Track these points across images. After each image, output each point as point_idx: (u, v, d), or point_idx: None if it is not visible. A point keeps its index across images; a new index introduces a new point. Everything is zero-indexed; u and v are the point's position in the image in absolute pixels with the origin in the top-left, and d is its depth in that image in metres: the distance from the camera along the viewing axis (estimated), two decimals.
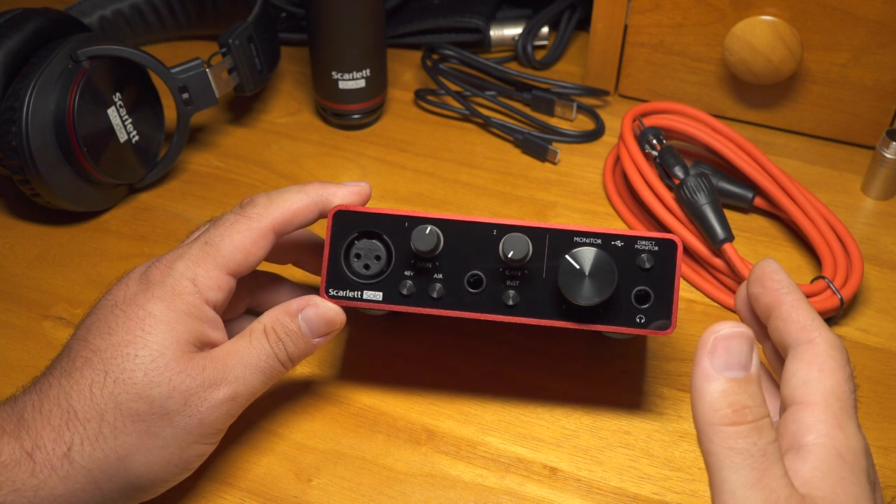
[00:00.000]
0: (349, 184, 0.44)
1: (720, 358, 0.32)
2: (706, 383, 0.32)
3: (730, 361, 0.32)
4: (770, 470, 0.31)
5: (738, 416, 0.31)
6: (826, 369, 0.35)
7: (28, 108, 0.52)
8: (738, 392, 0.32)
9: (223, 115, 0.69)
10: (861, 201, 0.61)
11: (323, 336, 0.42)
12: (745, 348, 0.32)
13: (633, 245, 0.41)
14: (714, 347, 0.32)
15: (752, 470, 0.31)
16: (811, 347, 0.36)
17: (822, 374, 0.35)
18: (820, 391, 0.35)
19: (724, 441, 0.31)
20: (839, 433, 0.33)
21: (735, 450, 0.31)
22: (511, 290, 0.41)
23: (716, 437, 0.31)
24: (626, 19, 0.66)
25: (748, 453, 0.31)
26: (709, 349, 0.32)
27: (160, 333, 0.38)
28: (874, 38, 0.59)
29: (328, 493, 0.43)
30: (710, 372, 0.32)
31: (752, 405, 0.32)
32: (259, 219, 0.41)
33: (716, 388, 0.32)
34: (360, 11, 0.61)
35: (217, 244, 0.41)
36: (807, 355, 0.36)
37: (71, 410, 0.37)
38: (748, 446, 0.31)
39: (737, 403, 0.31)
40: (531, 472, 0.44)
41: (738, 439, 0.31)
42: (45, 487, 0.36)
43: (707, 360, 0.32)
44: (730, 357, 0.32)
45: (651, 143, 0.58)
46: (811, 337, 0.36)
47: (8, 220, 0.59)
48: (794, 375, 0.35)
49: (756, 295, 0.39)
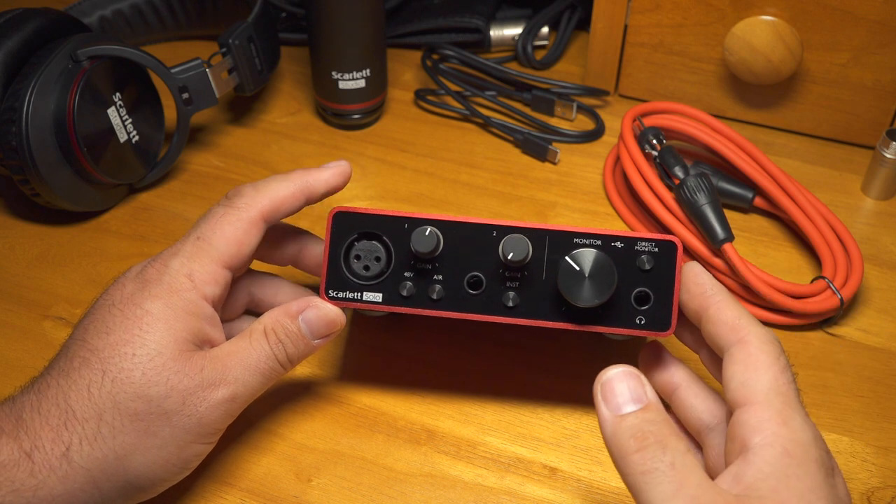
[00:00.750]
0: (330, 165, 0.44)
1: (612, 400, 0.34)
2: (610, 427, 0.34)
3: (622, 402, 0.34)
4: (687, 478, 0.32)
5: (640, 443, 0.32)
6: (760, 366, 0.36)
7: (28, 108, 0.52)
8: (637, 424, 0.33)
9: (223, 115, 0.69)
10: (861, 201, 0.61)
11: (323, 337, 0.42)
12: (633, 383, 0.34)
13: (633, 246, 0.41)
14: (605, 393, 0.34)
15: (668, 483, 0.32)
16: (742, 347, 0.37)
17: (757, 373, 0.36)
18: (759, 389, 0.35)
19: (636, 468, 0.32)
20: (784, 429, 0.34)
21: (647, 472, 0.32)
22: (511, 291, 0.41)
23: (627, 467, 0.33)
24: (626, 19, 0.66)
25: (658, 471, 0.32)
26: (601, 396, 0.34)
27: (158, 332, 0.38)
28: (874, 38, 0.59)
29: (328, 493, 0.43)
30: (607, 415, 0.34)
31: (652, 430, 0.33)
32: (247, 208, 0.41)
33: (616, 426, 0.33)
34: (360, 11, 0.61)
35: (209, 238, 0.41)
36: (739, 355, 0.36)
37: (69, 410, 0.37)
38: (655, 464, 0.32)
39: (638, 433, 0.33)
40: (531, 472, 0.44)
41: (645, 462, 0.32)
42: (44, 487, 0.36)
43: (603, 407, 0.34)
44: (621, 397, 0.34)
45: (651, 143, 0.58)
46: (741, 336, 0.37)
47: (8, 220, 0.59)
48: (732, 379, 0.36)
49: (684, 302, 0.40)
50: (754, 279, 0.50)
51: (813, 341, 0.51)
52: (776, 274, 0.53)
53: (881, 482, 0.43)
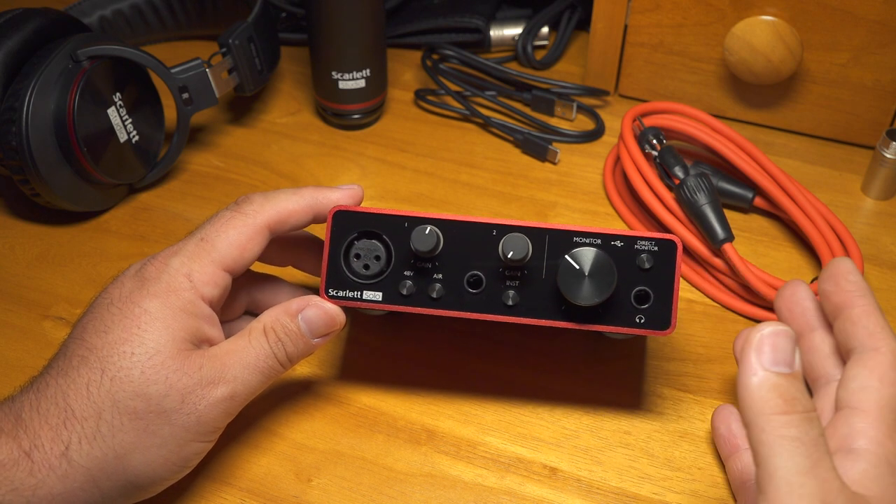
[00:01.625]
0: (342, 187, 0.44)
1: (766, 355, 0.33)
2: (754, 378, 0.32)
3: (776, 358, 0.33)
4: (822, 460, 0.31)
5: (788, 406, 0.32)
6: (887, 380, 0.35)
7: (28, 108, 0.52)
8: (786, 385, 0.32)
9: (223, 115, 0.69)
10: (861, 201, 0.60)
11: (322, 336, 0.42)
12: (789, 346, 0.33)
13: (633, 245, 0.41)
14: (760, 344, 0.33)
15: (806, 458, 0.31)
16: (876, 355, 0.36)
17: (881, 384, 0.35)
18: (876, 400, 0.35)
19: (777, 430, 0.31)
20: (890, 443, 0.34)
21: (788, 437, 0.31)
22: (511, 290, 0.41)
23: (767, 426, 0.32)
24: (626, 19, 0.66)
25: (801, 441, 0.31)
26: (755, 346, 0.33)
27: (156, 331, 0.38)
28: (874, 38, 0.59)
29: (328, 493, 0.43)
30: (758, 368, 0.32)
31: (800, 398, 0.32)
32: (255, 215, 0.41)
33: (765, 381, 0.32)
34: (360, 11, 0.61)
35: (212, 240, 0.41)
36: (870, 362, 0.36)
37: (68, 409, 0.37)
38: (801, 434, 0.31)
39: (787, 394, 0.32)
40: (531, 472, 0.44)
41: (790, 428, 0.31)
42: (44, 486, 0.36)
43: (754, 357, 0.33)
44: (776, 354, 0.33)
45: (651, 143, 0.57)
46: (877, 345, 0.36)
47: (8, 220, 0.59)
48: (853, 380, 0.36)
49: (827, 292, 0.39)
50: (754, 279, 0.50)
51: None
52: (776, 274, 0.53)
53: None
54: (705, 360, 0.49)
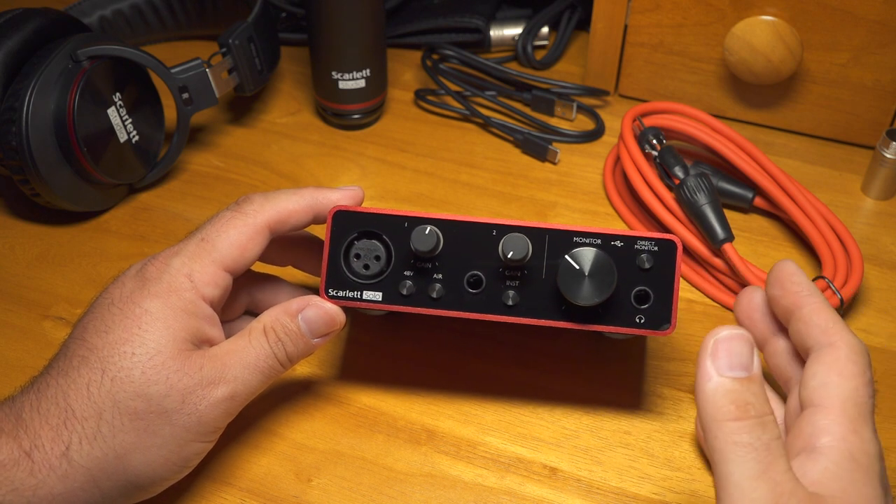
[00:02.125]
0: (343, 188, 0.44)
1: (722, 360, 0.33)
2: (709, 384, 0.33)
3: (731, 363, 0.33)
4: (774, 463, 0.31)
5: (740, 412, 0.32)
6: (846, 373, 0.35)
7: (28, 108, 0.52)
8: (740, 390, 0.32)
9: (223, 115, 0.69)
10: (861, 201, 0.61)
11: (322, 336, 0.42)
12: (745, 350, 0.33)
13: (633, 245, 0.41)
14: (715, 349, 0.33)
15: (757, 462, 0.31)
16: (832, 351, 0.36)
17: (841, 378, 0.35)
18: (838, 395, 0.35)
19: (728, 436, 0.32)
20: (854, 437, 0.33)
21: (739, 443, 0.31)
22: (511, 290, 0.41)
23: (720, 432, 0.32)
24: (626, 19, 0.66)
25: (752, 447, 0.31)
26: (710, 351, 0.33)
27: (157, 331, 0.38)
28: (874, 38, 0.59)
29: (328, 493, 0.43)
30: (712, 373, 0.33)
31: (754, 402, 0.32)
32: (255, 215, 0.41)
33: (718, 386, 0.32)
34: (360, 11, 0.61)
35: (213, 240, 0.41)
36: (827, 358, 0.36)
37: (69, 409, 0.37)
38: (752, 440, 0.31)
39: (739, 400, 0.32)
40: (531, 472, 0.44)
41: (741, 433, 0.32)
42: (44, 487, 0.36)
43: (709, 362, 0.33)
44: (731, 358, 0.33)
45: (651, 143, 0.57)
46: (832, 340, 0.36)
47: (8, 220, 0.59)
48: (812, 378, 0.36)
49: (776, 297, 0.39)
50: (754, 279, 0.50)
51: None
52: None
53: None
54: None
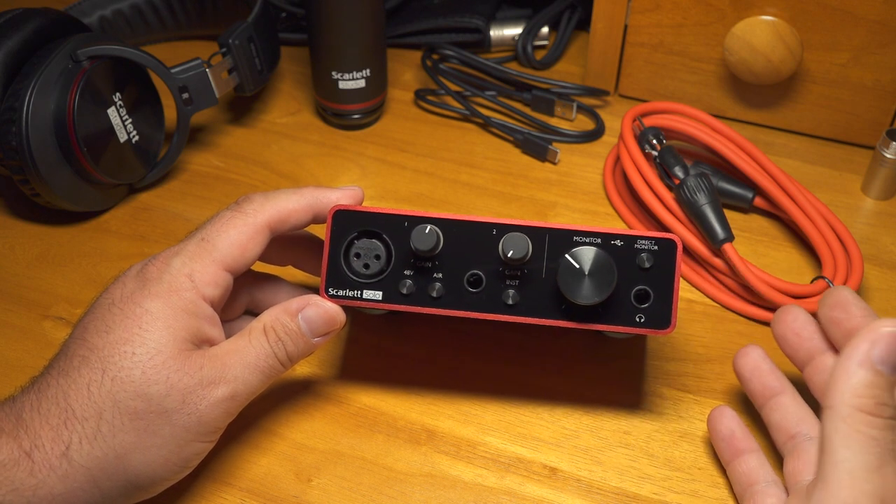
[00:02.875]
0: (343, 188, 0.44)
1: (881, 350, 0.33)
2: (859, 367, 0.33)
3: (886, 358, 0.33)
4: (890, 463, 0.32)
5: (876, 410, 0.32)
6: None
7: (28, 108, 0.52)
8: (883, 388, 0.33)
9: (223, 115, 0.69)
10: (861, 201, 0.60)
11: (322, 336, 0.42)
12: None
13: (633, 244, 0.41)
14: (880, 339, 0.33)
15: (878, 457, 0.32)
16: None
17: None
18: None
19: (859, 425, 0.32)
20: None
21: (866, 435, 0.32)
22: (511, 289, 0.41)
23: (850, 418, 0.32)
24: (626, 19, 0.66)
25: (877, 442, 0.32)
26: (873, 338, 0.33)
27: (157, 331, 0.38)
28: (874, 38, 0.59)
29: (328, 493, 0.43)
30: (866, 359, 0.33)
31: (889, 404, 0.33)
32: (255, 215, 0.41)
33: (866, 376, 0.33)
34: (360, 11, 0.61)
35: (213, 240, 0.41)
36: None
37: (69, 409, 0.37)
38: (879, 437, 0.32)
39: (879, 398, 0.32)
40: (531, 472, 0.44)
41: (872, 428, 0.32)
42: (44, 487, 0.36)
43: (867, 346, 0.33)
44: (889, 354, 0.33)
45: (651, 143, 0.57)
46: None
47: (8, 220, 0.59)
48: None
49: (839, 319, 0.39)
50: (754, 279, 0.50)
51: None
52: (776, 274, 0.53)
53: None
54: (705, 360, 0.49)
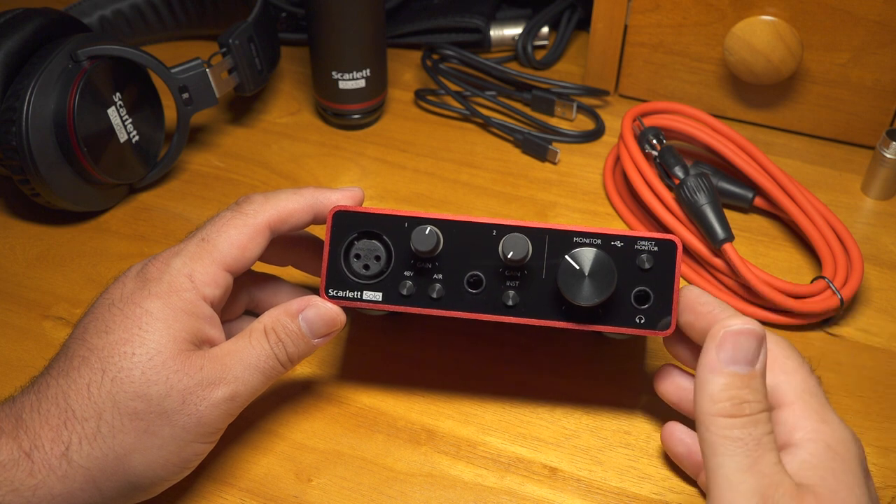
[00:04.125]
0: (343, 189, 0.44)
1: (727, 352, 0.33)
2: (710, 374, 0.33)
3: (736, 357, 0.33)
4: (763, 457, 0.32)
5: (735, 410, 0.32)
6: (788, 369, 0.37)
7: (28, 108, 0.52)
8: (739, 387, 0.33)
9: (223, 115, 0.69)
10: (861, 201, 0.61)
11: (323, 337, 0.42)
12: (752, 345, 0.33)
13: (633, 245, 0.41)
14: (723, 341, 0.33)
15: (746, 456, 0.32)
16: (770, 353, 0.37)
17: (786, 375, 0.36)
18: (792, 390, 0.36)
19: (720, 430, 0.32)
20: (824, 426, 0.34)
21: (730, 438, 0.32)
22: (511, 290, 0.41)
23: (712, 426, 0.32)
24: (626, 19, 0.66)
25: (742, 441, 0.32)
26: (717, 342, 0.33)
27: (157, 331, 0.38)
28: (874, 38, 0.59)
29: (328, 493, 0.43)
30: (716, 364, 0.33)
31: (751, 400, 0.33)
32: (255, 215, 0.41)
33: (718, 381, 0.33)
34: (360, 11, 0.61)
35: (213, 240, 0.41)
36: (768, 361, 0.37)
37: (69, 410, 0.37)
38: (743, 435, 0.32)
39: (736, 398, 0.33)
40: (531, 472, 0.44)
41: (733, 429, 0.32)
42: (44, 487, 0.36)
43: (714, 352, 0.33)
44: (737, 352, 0.33)
45: (651, 143, 0.57)
46: None
47: (8, 220, 0.59)
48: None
49: (690, 323, 0.40)
50: (754, 279, 0.50)
51: (813, 341, 0.51)
52: (776, 274, 0.53)
53: (881, 482, 0.43)
54: None
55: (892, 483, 0.43)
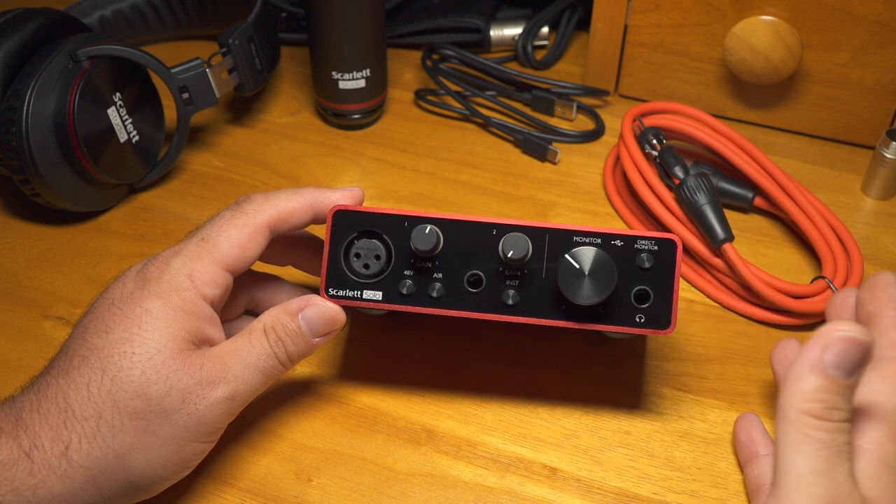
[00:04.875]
0: (343, 188, 0.44)
1: (833, 355, 0.33)
2: (808, 371, 0.33)
3: (839, 362, 0.33)
4: (839, 466, 0.32)
5: (825, 413, 0.32)
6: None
7: (28, 108, 0.52)
8: (835, 392, 0.33)
9: (223, 115, 0.69)
10: (861, 201, 0.60)
11: (323, 336, 0.42)
12: (857, 355, 0.33)
13: (633, 244, 0.41)
14: (831, 343, 0.33)
15: (824, 461, 0.32)
16: (892, 364, 0.37)
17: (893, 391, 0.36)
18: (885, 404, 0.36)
19: (805, 428, 0.32)
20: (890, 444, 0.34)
21: (813, 438, 0.32)
22: (511, 289, 0.41)
23: (798, 422, 0.32)
24: (626, 19, 0.66)
25: (824, 445, 0.32)
26: (826, 342, 0.33)
27: (157, 331, 0.38)
28: (874, 38, 0.59)
29: (328, 493, 0.43)
30: (818, 364, 0.33)
31: (841, 408, 0.33)
32: (255, 215, 0.41)
33: (815, 380, 0.33)
34: (360, 11, 0.61)
35: (213, 240, 0.41)
36: (887, 370, 0.37)
37: (69, 409, 0.37)
38: (826, 439, 0.32)
39: (829, 402, 0.32)
40: (531, 472, 0.44)
41: (819, 431, 0.32)
42: (43, 486, 0.36)
43: (819, 351, 0.33)
44: (842, 359, 0.33)
45: (651, 143, 0.57)
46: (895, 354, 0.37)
47: (8, 220, 0.59)
48: (867, 383, 0.36)
49: (863, 300, 0.40)
50: (754, 279, 0.50)
51: None
52: (776, 274, 0.53)
53: None
54: (705, 360, 0.49)
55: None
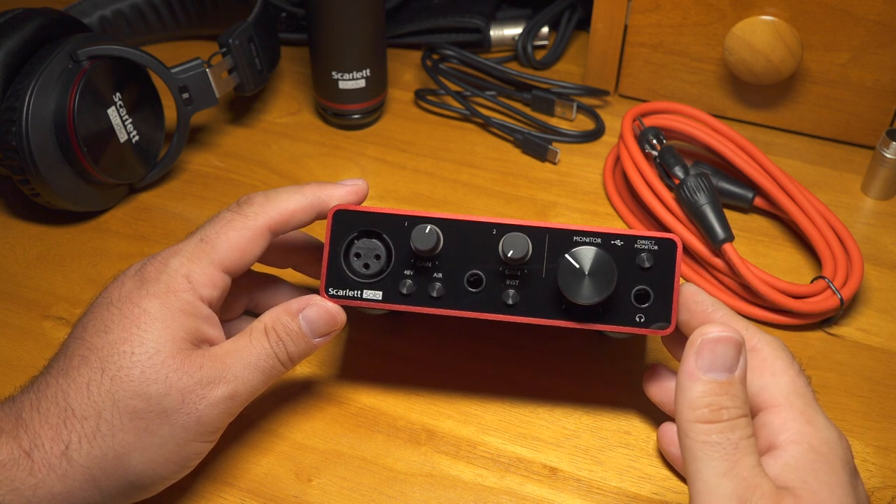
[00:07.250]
0: (346, 182, 0.44)
1: (705, 360, 0.33)
2: (689, 382, 0.33)
3: (714, 364, 0.33)
4: (742, 460, 0.32)
5: (713, 416, 0.33)
6: (777, 370, 0.37)
7: (28, 108, 0.52)
8: (718, 393, 0.33)
9: (223, 115, 0.69)
10: (861, 201, 0.61)
11: (323, 336, 0.42)
12: (730, 352, 0.33)
13: (633, 244, 0.41)
14: (701, 349, 0.33)
15: (723, 461, 0.32)
16: (755, 354, 0.38)
17: (774, 377, 0.37)
18: (779, 392, 0.36)
19: (698, 436, 0.32)
20: (809, 427, 0.35)
21: (708, 443, 0.32)
22: (511, 289, 0.41)
23: (691, 432, 0.33)
24: (626, 19, 0.66)
25: (720, 446, 0.32)
26: (696, 349, 0.33)
27: (155, 331, 0.38)
28: (874, 38, 0.59)
29: (328, 493, 0.43)
30: (694, 372, 0.33)
31: (729, 406, 0.33)
32: (256, 217, 0.41)
33: (697, 388, 0.33)
34: (360, 11, 0.61)
35: (213, 241, 0.41)
36: (754, 362, 0.37)
37: (69, 409, 0.37)
38: (721, 440, 0.32)
39: (714, 404, 0.33)
40: (531, 472, 0.44)
41: (710, 434, 0.32)
42: (44, 486, 0.36)
43: (693, 360, 0.33)
44: (714, 360, 0.33)
45: (651, 143, 0.57)
46: (752, 345, 0.38)
47: (8, 220, 0.59)
48: (749, 385, 0.37)
49: (686, 322, 0.41)
50: (754, 279, 0.50)
51: (813, 341, 0.51)
52: (776, 274, 0.53)
53: (881, 482, 0.43)
54: None
55: (892, 483, 0.43)
